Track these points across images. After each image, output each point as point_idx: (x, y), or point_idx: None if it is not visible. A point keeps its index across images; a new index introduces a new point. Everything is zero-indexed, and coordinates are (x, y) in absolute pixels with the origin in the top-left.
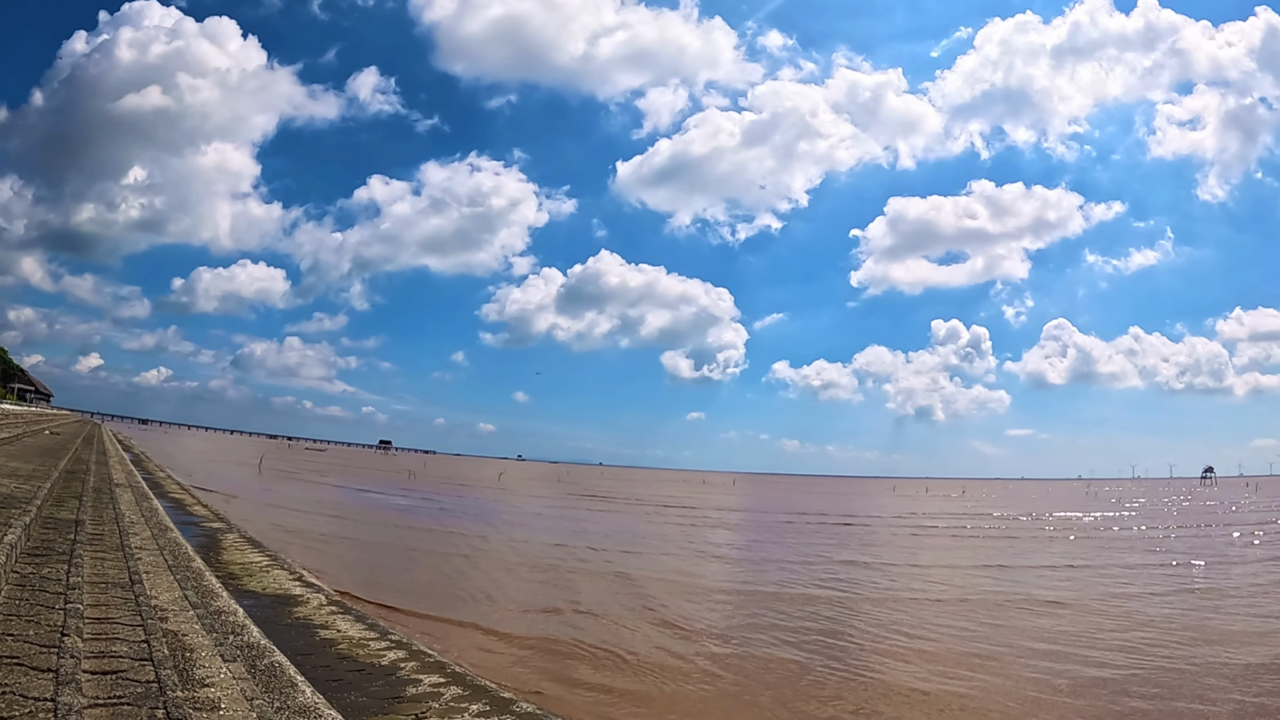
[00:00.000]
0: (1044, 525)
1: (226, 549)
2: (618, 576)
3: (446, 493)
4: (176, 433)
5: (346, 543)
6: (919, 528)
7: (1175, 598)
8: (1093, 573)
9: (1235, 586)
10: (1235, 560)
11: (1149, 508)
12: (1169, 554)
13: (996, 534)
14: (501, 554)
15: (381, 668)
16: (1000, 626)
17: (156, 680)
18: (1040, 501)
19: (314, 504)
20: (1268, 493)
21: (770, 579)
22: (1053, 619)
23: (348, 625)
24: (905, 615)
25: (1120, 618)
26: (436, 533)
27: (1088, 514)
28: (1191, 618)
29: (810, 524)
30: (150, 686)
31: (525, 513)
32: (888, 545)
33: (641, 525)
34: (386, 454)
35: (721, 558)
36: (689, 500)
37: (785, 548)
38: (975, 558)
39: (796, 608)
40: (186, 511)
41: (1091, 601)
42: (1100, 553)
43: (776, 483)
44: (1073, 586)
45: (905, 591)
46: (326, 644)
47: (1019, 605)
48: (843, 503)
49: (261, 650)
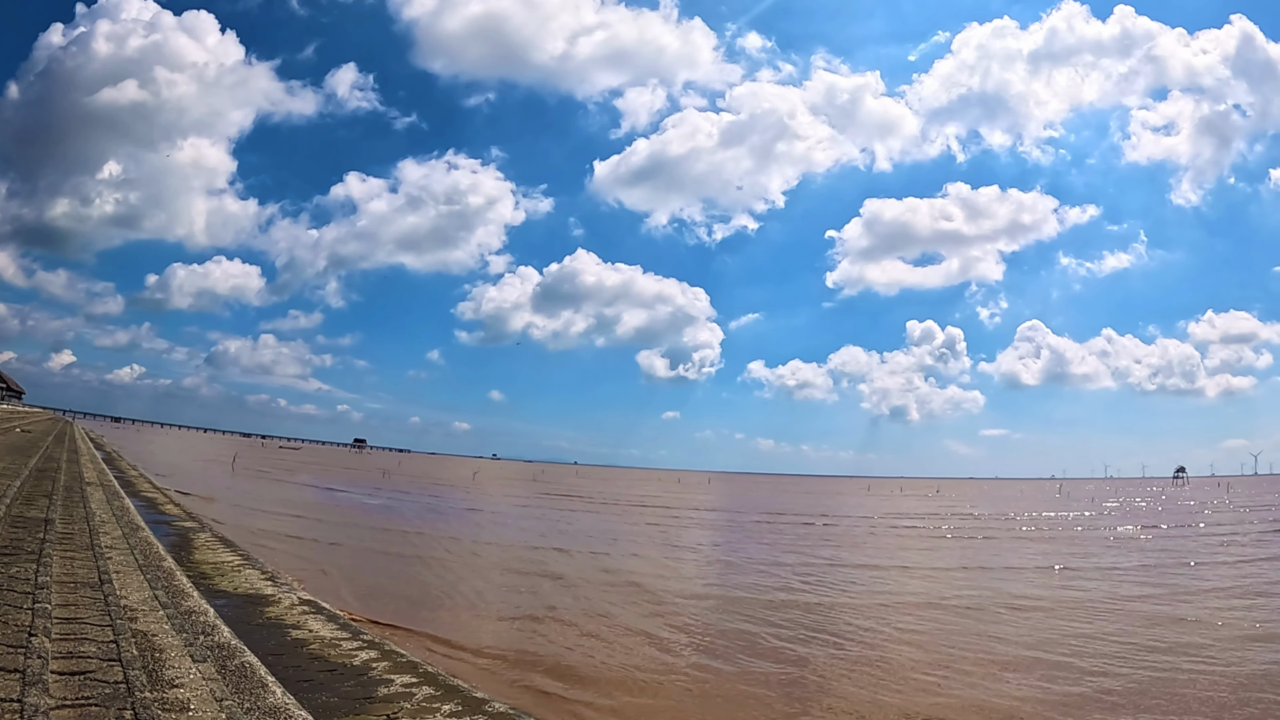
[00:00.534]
0: (1030, 525)
1: (198, 548)
2: (588, 582)
3: (419, 492)
4: (149, 431)
5: (313, 545)
6: (898, 529)
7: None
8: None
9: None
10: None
11: (1136, 508)
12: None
13: (978, 534)
14: (470, 558)
15: (353, 668)
16: (994, 637)
17: (125, 681)
18: (1018, 501)
19: (287, 504)
20: (1241, 492)
21: (745, 583)
22: (1037, 623)
23: (319, 625)
24: (885, 624)
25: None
26: (407, 534)
27: (1075, 512)
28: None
29: (785, 524)
30: (119, 687)
31: (498, 513)
32: (864, 546)
33: (616, 525)
34: (361, 453)
35: (696, 562)
36: (664, 500)
37: (761, 548)
38: (959, 559)
39: (773, 613)
40: (158, 510)
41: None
42: (1101, 553)
43: (751, 482)
44: (1060, 590)
45: (884, 596)
46: (298, 644)
47: (1011, 609)
48: (818, 502)
49: (232, 650)
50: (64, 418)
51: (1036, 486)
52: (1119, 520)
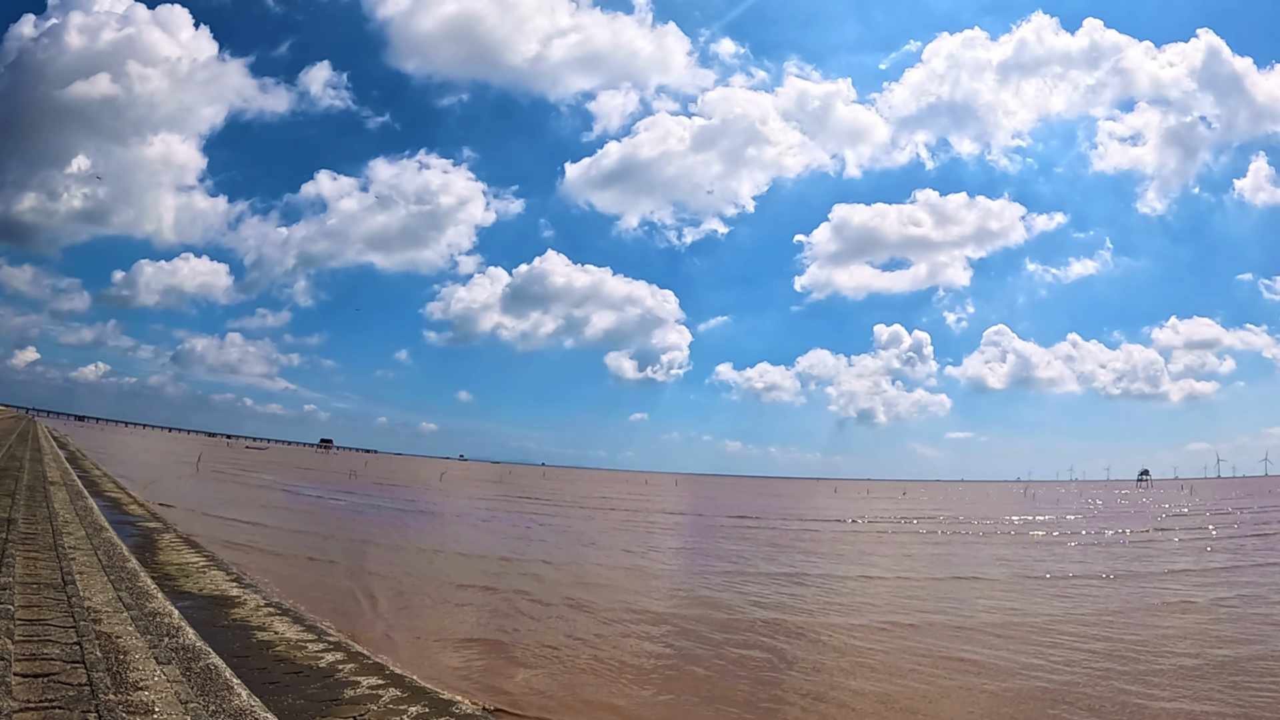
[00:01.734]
0: (1002, 530)
1: (163, 549)
2: (544, 604)
3: (385, 494)
4: (114, 430)
5: (269, 553)
6: (874, 534)
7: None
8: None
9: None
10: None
11: (1116, 509)
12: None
13: (948, 540)
14: (426, 566)
15: (319, 670)
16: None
17: (89, 683)
18: (986, 504)
19: (253, 505)
20: (1207, 495)
21: (712, 598)
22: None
23: (285, 627)
24: (861, 645)
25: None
26: (366, 545)
27: (1046, 515)
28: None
29: (751, 530)
30: (82, 690)
31: (463, 517)
32: (832, 556)
33: (582, 526)
34: (327, 453)
35: (661, 574)
36: (633, 502)
37: (723, 561)
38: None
39: (738, 635)
40: (122, 511)
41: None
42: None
43: (719, 484)
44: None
45: (858, 615)
46: (264, 646)
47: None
48: (787, 506)
49: (197, 652)
50: (27, 416)
51: (1002, 489)
52: (1094, 524)
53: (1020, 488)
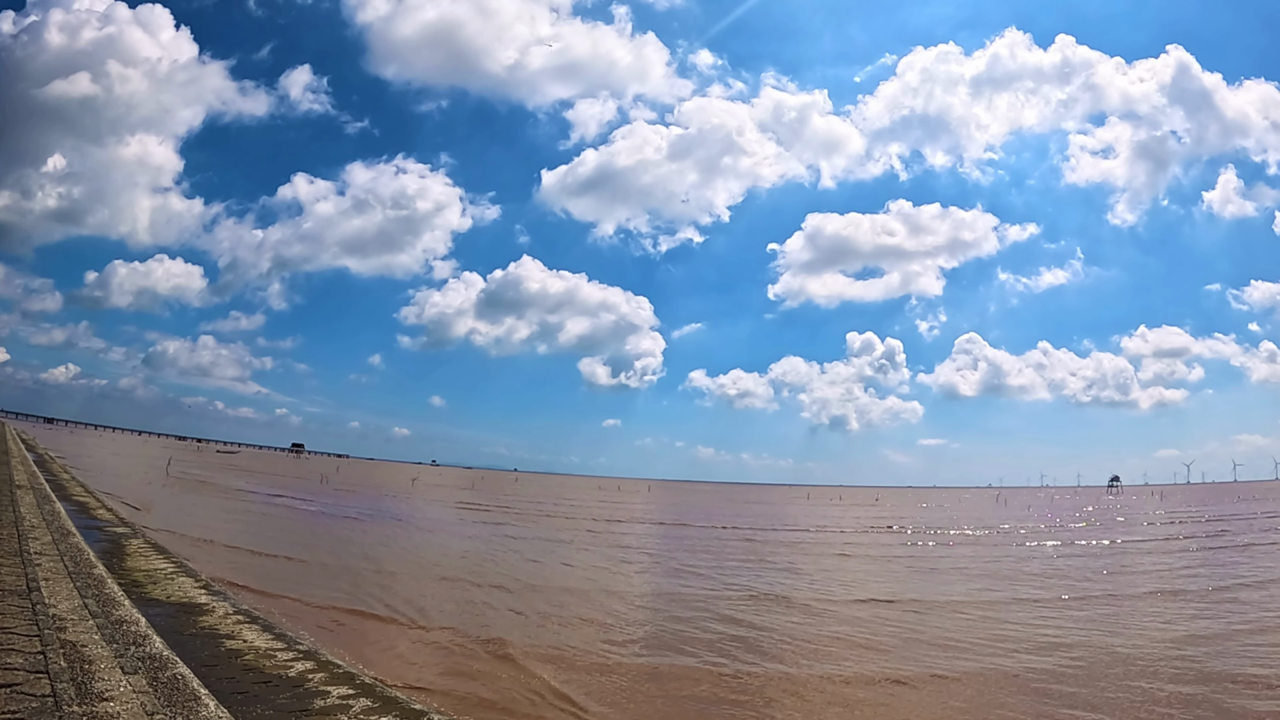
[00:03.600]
0: (974, 541)
1: (130, 555)
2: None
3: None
4: (83, 433)
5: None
6: (851, 545)
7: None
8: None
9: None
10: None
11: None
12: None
13: (921, 553)
14: (386, 579)
15: (289, 679)
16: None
17: (53, 694)
18: (959, 510)
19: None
20: (1178, 500)
21: (666, 637)
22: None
23: (254, 635)
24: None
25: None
26: (329, 568)
27: (1017, 524)
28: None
29: (720, 541)
30: (46, 701)
31: (432, 524)
32: (813, 571)
33: (550, 536)
34: (299, 457)
35: (628, 596)
36: (605, 510)
37: (689, 580)
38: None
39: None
40: (90, 515)
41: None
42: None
43: (691, 490)
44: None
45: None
46: (232, 655)
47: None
48: (760, 513)
49: (164, 662)
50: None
51: (975, 495)
52: (1071, 535)
53: (994, 494)
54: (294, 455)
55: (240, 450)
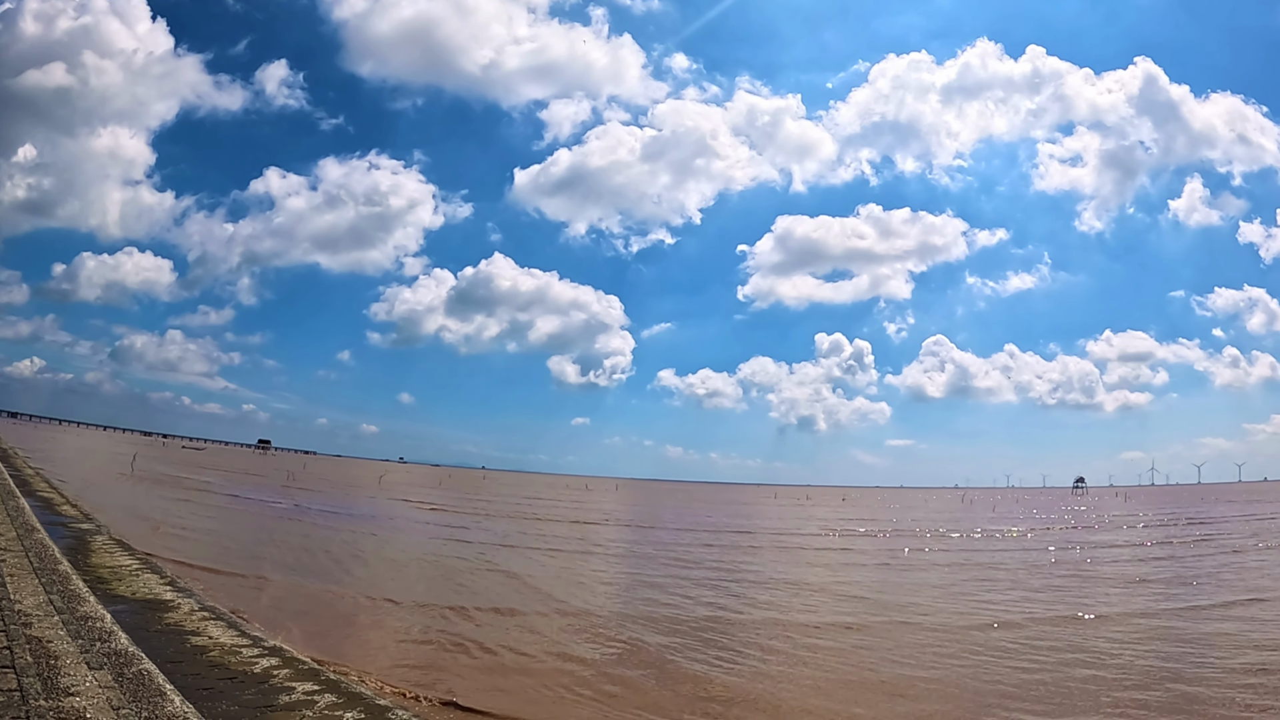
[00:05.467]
0: (946, 545)
1: (96, 551)
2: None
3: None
4: (48, 428)
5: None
6: (805, 549)
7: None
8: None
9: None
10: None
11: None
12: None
13: (887, 558)
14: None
15: (254, 675)
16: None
17: (19, 689)
18: (925, 510)
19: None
20: (1145, 502)
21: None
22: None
23: (220, 631)
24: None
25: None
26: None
27: (988, 526)
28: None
29: (685, 544)
30: (12, 695)
31: (388, 535)
32: (768, 583)
33: (516, 541)
34: (265, 454)
35: (592, 612)
36: (571, 510)
37: (651, 588)
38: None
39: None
40: (55, 511)
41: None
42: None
43: (660, 489)
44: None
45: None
46: (198, 651)
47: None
48: (727, 513)
49: (129, 657)
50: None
51: (941, 495)
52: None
53: (960, 494)
54: (260, 452)
55: (206, 447)
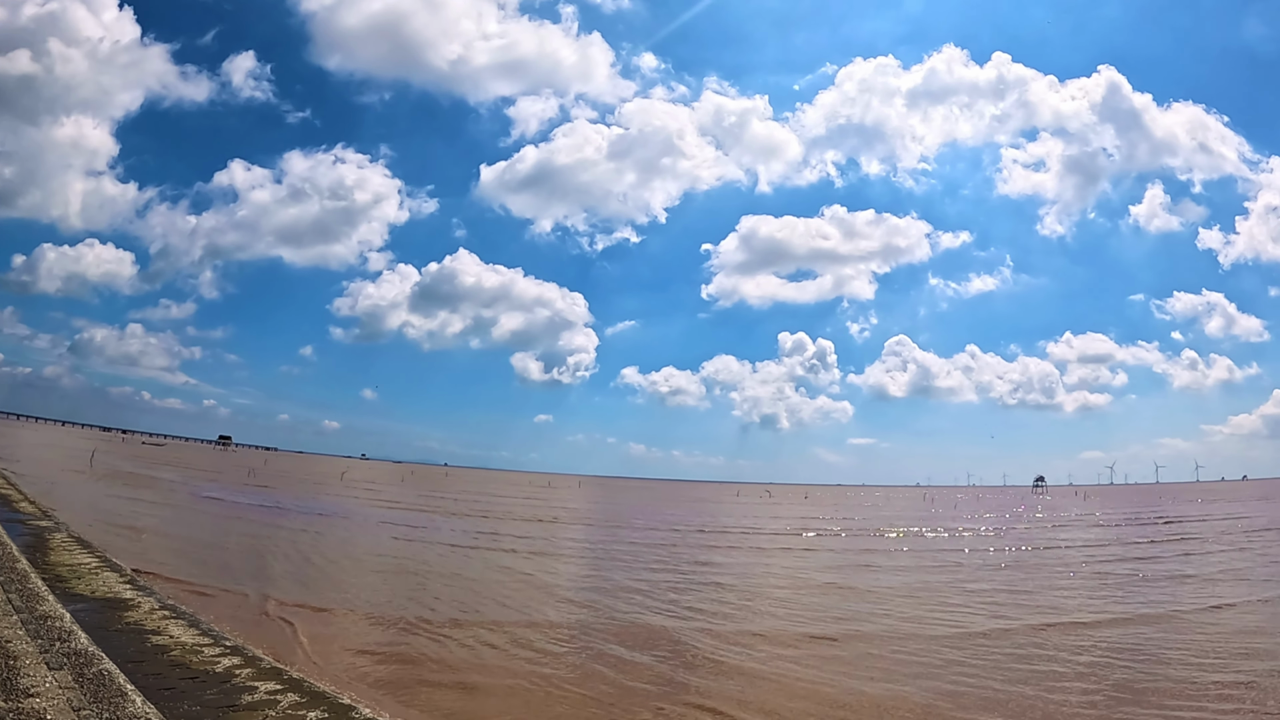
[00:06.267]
0: (910, 547)
1: (54, 549)
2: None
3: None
4: (4, 423)
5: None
6: (766, 549)
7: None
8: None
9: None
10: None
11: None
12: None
13: (852, 563)
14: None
15: (216, 675)
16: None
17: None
18: (888, 509)
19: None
20: (1108, 501)
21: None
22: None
23: (180, 630)
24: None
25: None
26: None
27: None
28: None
29: (645, 546)
30: None
31: (357, 524)
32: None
33: (476, 542)
34: (226, 450)
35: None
36: (535, 509)
37: (611, 595)
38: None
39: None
40: (12, 508)
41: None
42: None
43: (624, 487)
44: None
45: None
46: (159, 650)
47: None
48: (697, 511)
49: (90, 657)
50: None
51: (903, 494)
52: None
53: (922, 493)
54: (221, 448)
55: (166, 443)
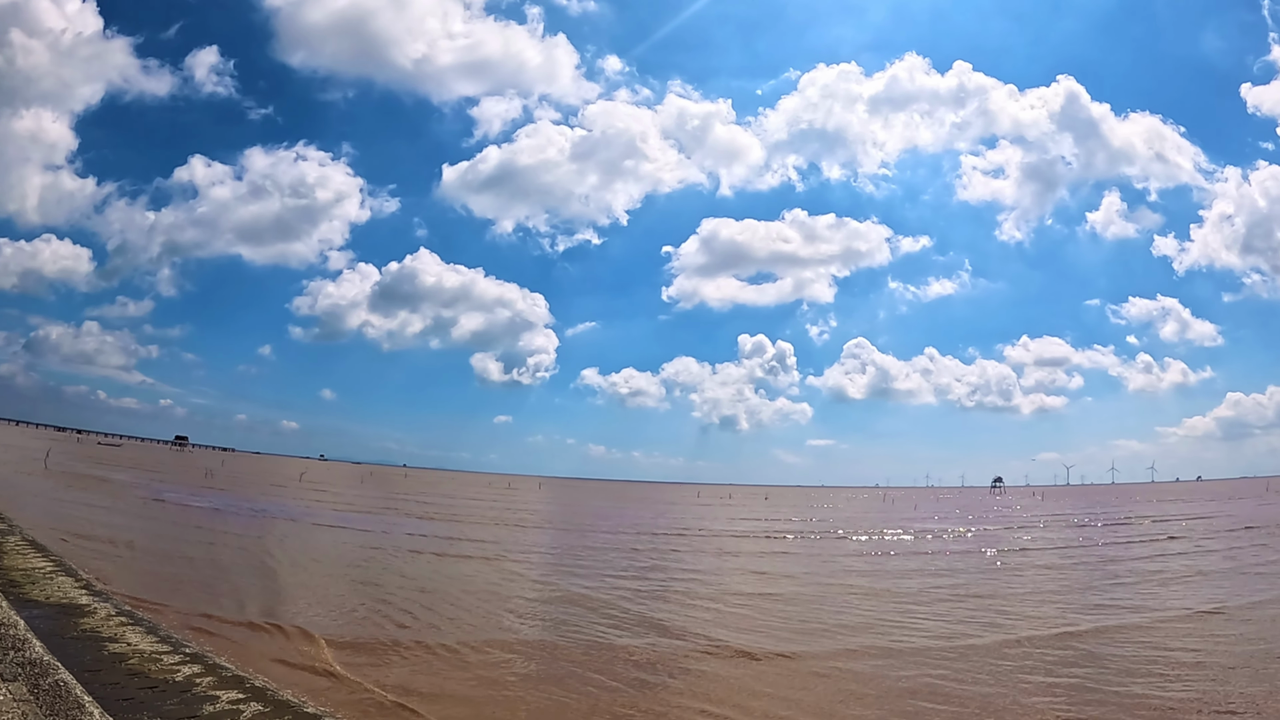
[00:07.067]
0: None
1: (7, 553)
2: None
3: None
4: None
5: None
6: (756, 551)
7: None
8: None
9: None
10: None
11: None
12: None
13: (815, 570)
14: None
15: (176, 684)
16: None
17: None
18: (849, 509)
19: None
20: (1067, 502)
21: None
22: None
23: (138, 638)
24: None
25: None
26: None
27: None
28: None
29: (609, 551)
30: None
31: (313, 531)
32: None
33: (439, 543)
34: (182, 451)
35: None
36: (496, 511)
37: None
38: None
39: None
40: None
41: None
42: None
43: (583, 488)
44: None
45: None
46: (116, 659)
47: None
48: (658, 513)
49: (45, 667)
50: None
51: (863, 495)
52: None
53: (881, 494)
54: (178, 449)
55: (123, 443)
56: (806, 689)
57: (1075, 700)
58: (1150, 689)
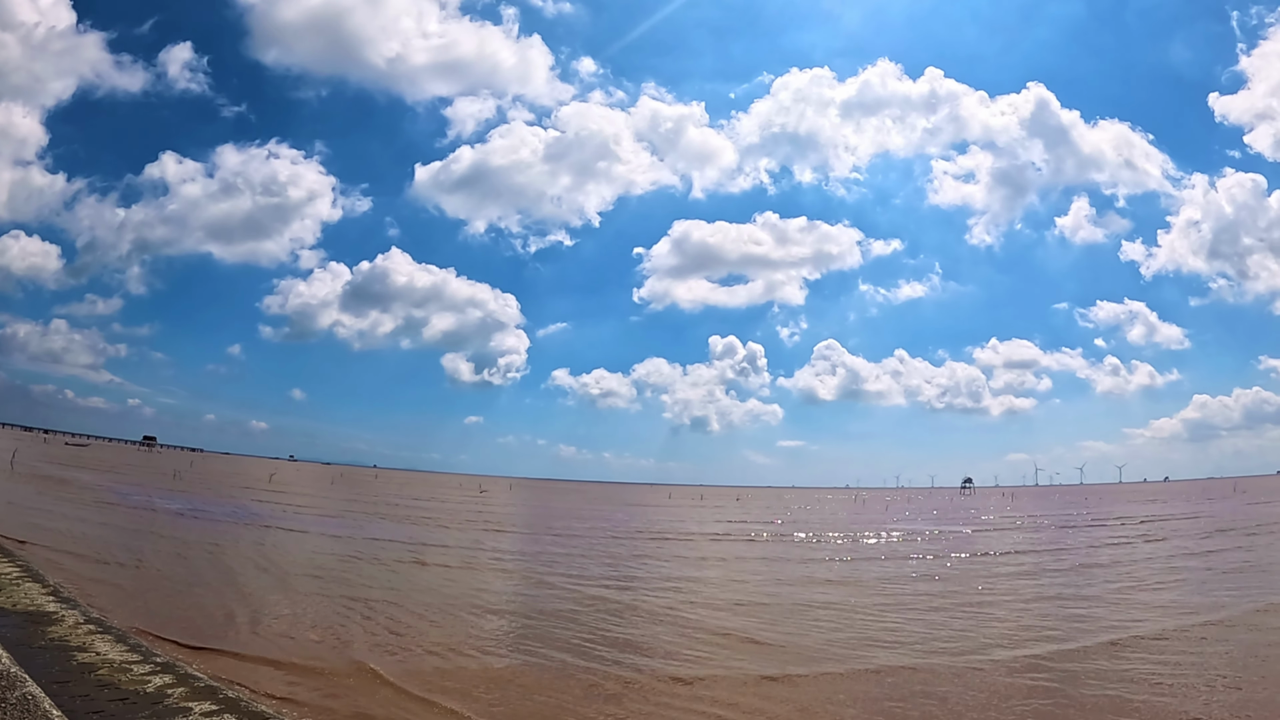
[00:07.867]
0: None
1: None
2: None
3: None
4: None
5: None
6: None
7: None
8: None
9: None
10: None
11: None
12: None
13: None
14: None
15: (147, 695)
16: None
17: None
18: (820, 511)
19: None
20: (1038, 503)
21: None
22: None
23: (108, 647)
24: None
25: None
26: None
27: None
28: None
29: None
30: None
31: (282, 537)
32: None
33: (414, 549)
34: (150, 451)
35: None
36: (469, 513)
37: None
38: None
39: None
40: None
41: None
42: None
43: (555, 489)
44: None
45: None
46: (85, 669)
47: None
48: (631, 514)
49: (12, 680)
50: None
51: (834, 495)
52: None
53: (852, 494)
54: (146, 449)
55: (91, 443)
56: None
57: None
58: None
